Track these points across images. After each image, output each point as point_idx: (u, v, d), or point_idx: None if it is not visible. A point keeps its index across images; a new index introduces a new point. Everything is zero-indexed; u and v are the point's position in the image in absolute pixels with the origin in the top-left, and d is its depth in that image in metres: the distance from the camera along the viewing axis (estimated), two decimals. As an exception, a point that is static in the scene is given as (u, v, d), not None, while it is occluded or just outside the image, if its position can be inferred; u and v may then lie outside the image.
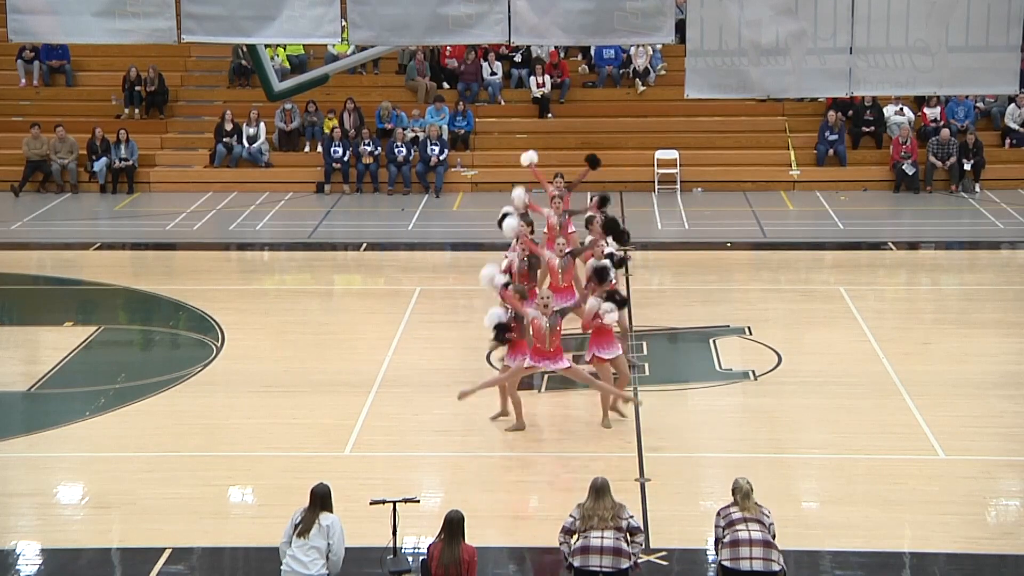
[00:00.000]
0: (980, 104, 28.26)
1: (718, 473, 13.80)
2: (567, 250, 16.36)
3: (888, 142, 27.50)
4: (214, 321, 18.71)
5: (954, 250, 22.80)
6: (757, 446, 14.34)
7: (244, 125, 27.92)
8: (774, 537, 10.17)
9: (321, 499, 10.15)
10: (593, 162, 18.93)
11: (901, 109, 27.83)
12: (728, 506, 10.27)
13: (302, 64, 28.61)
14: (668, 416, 15.08)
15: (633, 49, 28.90)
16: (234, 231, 24.43)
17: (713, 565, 11.58)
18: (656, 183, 27.14)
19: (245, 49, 26.41)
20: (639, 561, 10.27)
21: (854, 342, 17.48)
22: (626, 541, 10.13)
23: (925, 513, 12.67)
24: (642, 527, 10.35)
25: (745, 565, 9.95)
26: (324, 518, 10.08)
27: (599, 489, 10.22)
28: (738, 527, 10.08)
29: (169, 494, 13.15)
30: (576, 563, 10.06)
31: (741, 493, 10.19)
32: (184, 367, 16.85)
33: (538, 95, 28.72)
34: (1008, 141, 27.70)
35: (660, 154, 27.33)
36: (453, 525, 9.93)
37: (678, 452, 14.23)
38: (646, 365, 16.78)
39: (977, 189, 26.66)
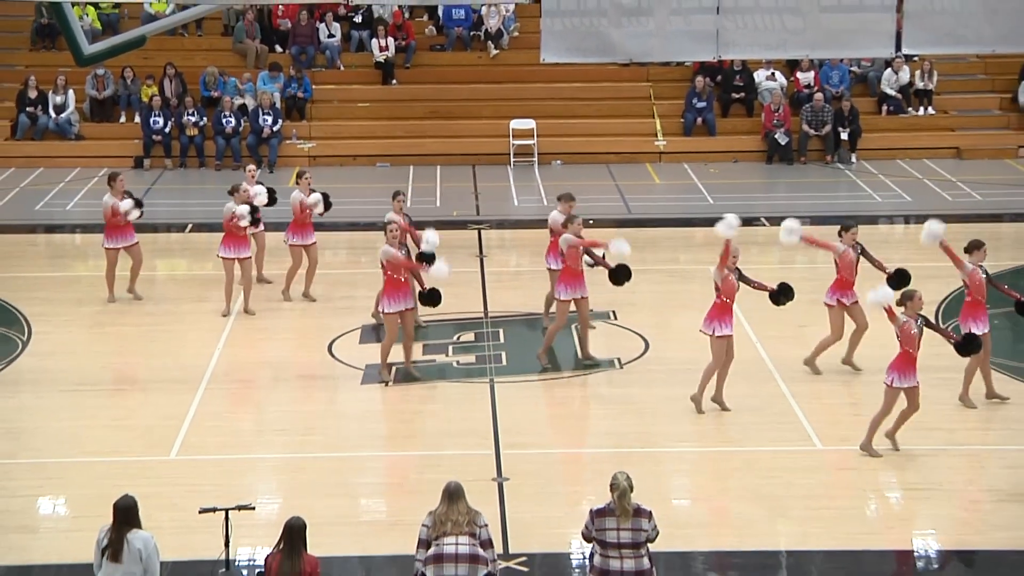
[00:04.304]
0: (855, 68, 28.93)
1: (582, 470, 13.93)
2: None
3: (759, 110, 28.01)
4: (18, 312, 18.33)
5: (830, 225, 23.11)
6: (624, 440, 14.50)
7: (50, 93, 27.34)
8: (651, 540, 10.12)
9: (125, 514, 9.94)
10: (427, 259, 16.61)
11: (773, 74, 28.36)
12: (603, 509, 10.16)
13: (114, 24, 28.11)
14: (527, 409, 15.16)
15: (484, 9, 28.97)
16: (41, 211, 23.95)
17: (578, 571, 11.71)
18: (512, 155, 27.24)
19: (48, 6, 25.83)
20: (496, 571, 10.28)
21: (726, 326, 17.74)
22: (482, 547, 10.15)
23: (803, 508, 12.96)
24: (492, 540, 10.29)
25: None
26: (134, 537, 9.86)
27: (452, 493, 10.21)
28: (611, 554, 10.05)
29: (-30, 508, 12.86)
30: (430, 573, 10.05)
31: (618, 491, 10.07)
32: (-15, 365, 16.49)
33: (381, 59, 28.61)
34: (885, 108, 28.40)
35: (515, 123, 27.42)
36: (293, 533, 9.86)
37: (538, 448, 14.33)
38: (503, 354, 16.86)
39: (853, 159, 27.27)
